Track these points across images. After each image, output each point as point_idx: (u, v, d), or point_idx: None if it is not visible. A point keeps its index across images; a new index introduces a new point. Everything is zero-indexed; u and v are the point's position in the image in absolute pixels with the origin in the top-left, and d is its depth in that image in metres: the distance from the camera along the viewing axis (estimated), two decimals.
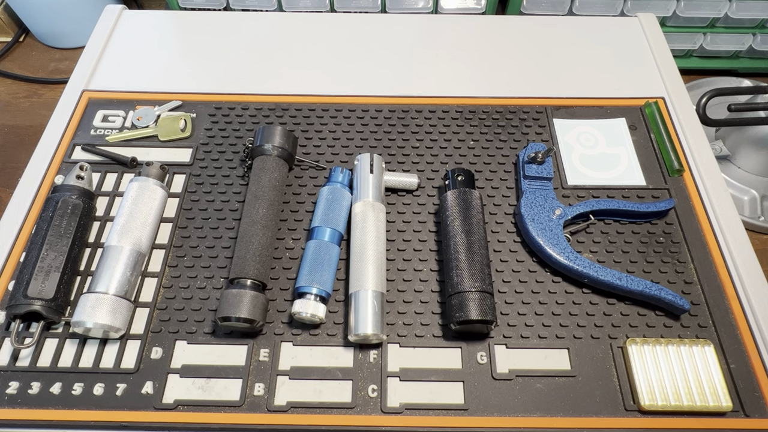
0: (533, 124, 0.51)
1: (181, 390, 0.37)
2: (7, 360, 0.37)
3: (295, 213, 0.45)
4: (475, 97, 0.53)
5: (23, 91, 1.14)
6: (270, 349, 0.38)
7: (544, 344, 0.39)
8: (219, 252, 0.42)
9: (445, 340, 0.39)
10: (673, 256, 0.43)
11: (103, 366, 0.37)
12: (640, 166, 0.48)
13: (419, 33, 0.59)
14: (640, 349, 0.37)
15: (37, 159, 0.48)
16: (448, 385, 0.37)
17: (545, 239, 0.41)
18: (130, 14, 0.60)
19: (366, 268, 0.38)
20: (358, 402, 0.36)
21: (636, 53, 0.58)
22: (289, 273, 0.42)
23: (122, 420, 0.35)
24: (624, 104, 0.52)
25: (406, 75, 0.55)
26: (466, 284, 0.37)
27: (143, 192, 0.42)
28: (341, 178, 0.44)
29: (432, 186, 0.47)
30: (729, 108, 0.78)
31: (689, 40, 1.06)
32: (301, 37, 0.58)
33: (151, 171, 0.44)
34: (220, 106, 0.51)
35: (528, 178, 0.45)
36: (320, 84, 0.54)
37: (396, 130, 0.50)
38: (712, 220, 0.45)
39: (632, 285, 0.39)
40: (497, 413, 0.36)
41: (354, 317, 0.37)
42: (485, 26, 0.60)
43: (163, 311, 0.40)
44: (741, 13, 1.00)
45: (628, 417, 0.36)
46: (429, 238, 0.44)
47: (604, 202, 0.44)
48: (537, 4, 0.99)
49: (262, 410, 0.36)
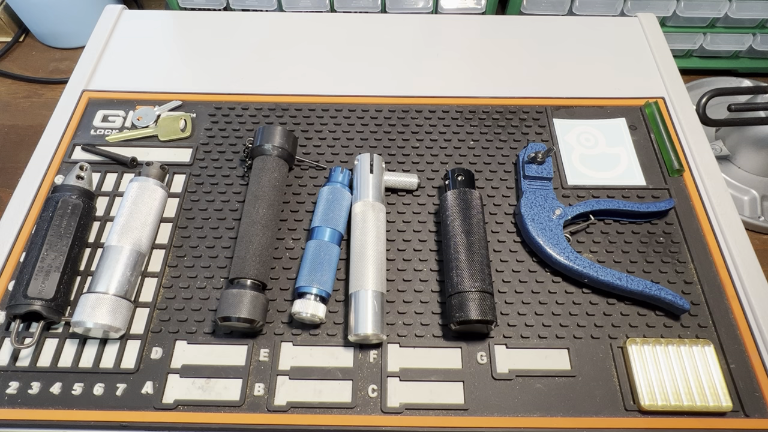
0: (533, 124, 0.51)
1: (181, 390, 0.37)
2: (7, 360, 0.37)
3: (295, 213, 0.45)
4: (475, 97, 0.53)
5: (23, 91, 1.14)
6: (270, 349, 0.38)
7: (544, 344, 0.39)
8: (219, 252, 0.42)
9: (445, 340, 0.39)
10: (673, 256, 0.43)
11: (103, 366, 0.37)
12: (640, 166, 0.48)
13: (419, 33, 0.59)
14: (640, 349, 0.37)
15: (37, 159, 0.48)
16: (448, 385, 0.37)
17: (545, 239, 0.41)
18: (130, 14, 0.60)
19: (366, 268, 0.38)
20: (358, 402, 0.36)
21: (636, 53, 0.58)
22: (289, 273, 0.42)
23: (122, 420, 0.35)
24: (624, 104, 0.52)
25: (406, 75, 0.55)
26: (466, 284, 0.37)
27: (143, 192, 0.42)
28: (341, 178, 0.44)
29: (432, 186, 0.47)
30: (729, 108, 0.78)
31: (689, 40, 1.06)
32: (301, 37, 0.58)
33: (151, 171, 0.44)
34: (220, 106, 0.51)
35: (528, 178, 0.45)
36: (320, 84, 0.54)
37: (396, 130, 0.50)
38: (712, 220, 0.45)
39: (632, 285, 0.39)
40: (497, 413, 0.36)
41: (354, 317, 0.37)
42: (485, 26, 0.60)
43: (163, 311, 0.40)
44: (741, 13, 1.00)
45: (628, 417, 0.36)
46: (429, 238, 0.44)
47: (604, 202, 0.44)
48: (537, 4, 0.99)
49: (262, 410, 0.36)
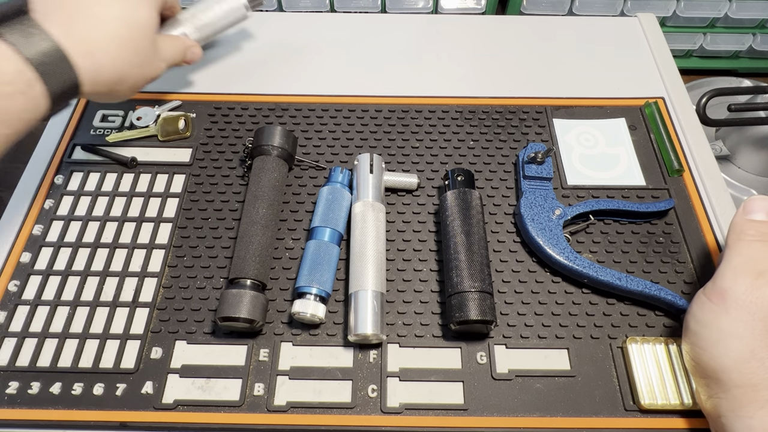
0: (533, 124, 0.51)
1: (180, 390, 0.37)
2: (7, 360, 0.37)
3: (295, 213, 0.45)
4: (475, 97, 0.53)
5: None
6: (270, 349, 0.38)
7: (543, 344, 0.39)
8: (219, 252, 0.42)
9: (444, 340, 0.39)
10: (672, 256, 0.43)
11: (102, 366, 0.37)
12: (640, 166, 0.48)
13: (419, 33, 0.59)
14: (640, 348, 0.37)
15: (37, 159, 0.48)
16: (447, 385, 0.37)
17: (545, 239, 0.41)
18: None
19: (366, 268, 0.38)
20: (357, 402, 0.36)
21: (636, 53, 0.58)
22: (289, 273, 0.42)
23: (122, 420, 0.35)
24: (624, 104, 0.52)
25: (405, 75, 0.55)
26: (466, 284, 0.37)
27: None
28: (341, 178, 0.44)
29: (432, 186, 0.47)
30: (729, 108, 0.78)
31: (689, 40, 1.06)
32: (301, 37, 0.58)
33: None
34: (219, 106, 0.51)
35: (528, 178, 0.45)
36: (320, 84, 0.54)
37: (396, 130, 0.50)
38: (712, 220, 0.45)
39: (632, 285, 0.39)
40: (497, 413, 0.36)
41: (354, 317, 0.37)
42: (485, 26, 0.60)
43: (163, 311, 0.40)
44: (741, 13, 1.00)
45: (628, 417, 0.36)
46: (429, 238, 0.44)
47: (604, 202, 0.44)
48: (537, 4, 0.99)
49: (262, 410, 0.36)
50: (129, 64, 0.38)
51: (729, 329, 0.32)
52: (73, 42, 0.34)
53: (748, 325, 0.31)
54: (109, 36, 0.36)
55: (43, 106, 0.34)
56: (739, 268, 0.33)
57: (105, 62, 0.36)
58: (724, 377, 0.31)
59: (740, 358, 0.31)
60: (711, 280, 0.34)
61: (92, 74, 0.35)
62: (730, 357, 0.31)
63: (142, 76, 0.40)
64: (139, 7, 0.38)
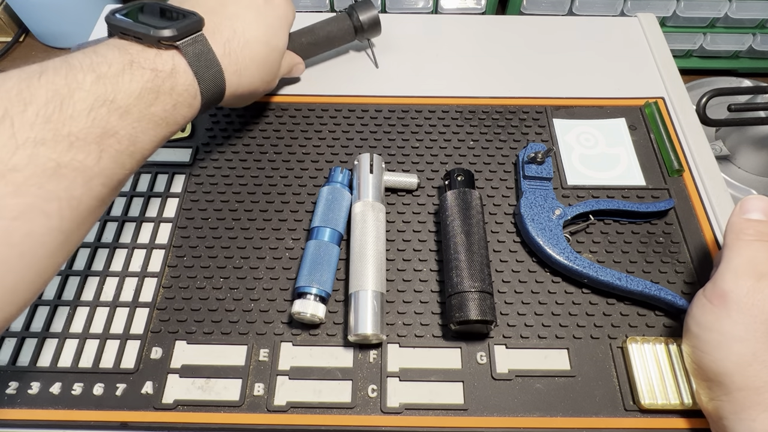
0: (533, 124, 0.51)
1: (180, 390, 0.37)
2: (7, 360, 0.37)
3: (295, 213, 0.45)
4: (475, 97, 0.53)
5: None
6: (270, 349, 0.38)
7: (543, 344, 0.39)
8: (218, 252, 0.42)
9: (444, 340, 0.39)
10: (672, 256, 0.43)
11: (102, 366, 0.37)
12: (640, 166, 0.48)
13: (419, 33, 0.59)
14: (640, 347, 0.37)
15: None
16: (447, 385, 0.37)
17: (545, 239, 0.41)
18: None
19: (366, 268, 0.38)
20: (357, 402, 0.36)
21: (636, 53, 0.58)
22: (289, 273, 0.42)
23: (122, 420, 0.35)
24: (624, 104, 0.52)
25: (405, 75, 0.55)
26: (466, 284, 0.37)
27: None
28: (341, 178, 0.44)
29: (432, 186, 0.47)
30: (729, 108, 0.78)
31: (689, 40, 1.06)
32: None
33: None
34: (220, 106, 0.51)
35: (528, 178, 0.45)
36: (320, 84, 0.54)
37: (396, 130, 0.50)
38: (712, 220, 0.45)
39: (632, 285, 0.39)
40: (497, 413, 0.36)
41: (354, 317, 0.37)
42: (485, 26, 0.60)
43: (163, 311, 0.40)
44: (741, 13, 1.00)
45: (628, 417, 0.36)
46: (429, 238, 0.44)
47: (604, 202, 0.44)
48: (537, 4, 0.99)
49: (262, 410, 0.36)
50: (261, 81, 0.41)
51: (731, 332, 0.31)
52: (229, 62, 0.37)
53: (750, 328, 0.31)
54: (252, 58, 0.39)
55: (193, 114, 0.36)
56: (739, 270, 0.32)
57: (245, 81, 0.39)
58: (726, 380, 0.31)
59: (742, 361, 0.31)
60: (711, 281, 0.34)
61: (233, 90, 0.38)
62: (732, 360, 0.31)
63: (266, 89, 0.44)
64: (278, 34, 0.41)
